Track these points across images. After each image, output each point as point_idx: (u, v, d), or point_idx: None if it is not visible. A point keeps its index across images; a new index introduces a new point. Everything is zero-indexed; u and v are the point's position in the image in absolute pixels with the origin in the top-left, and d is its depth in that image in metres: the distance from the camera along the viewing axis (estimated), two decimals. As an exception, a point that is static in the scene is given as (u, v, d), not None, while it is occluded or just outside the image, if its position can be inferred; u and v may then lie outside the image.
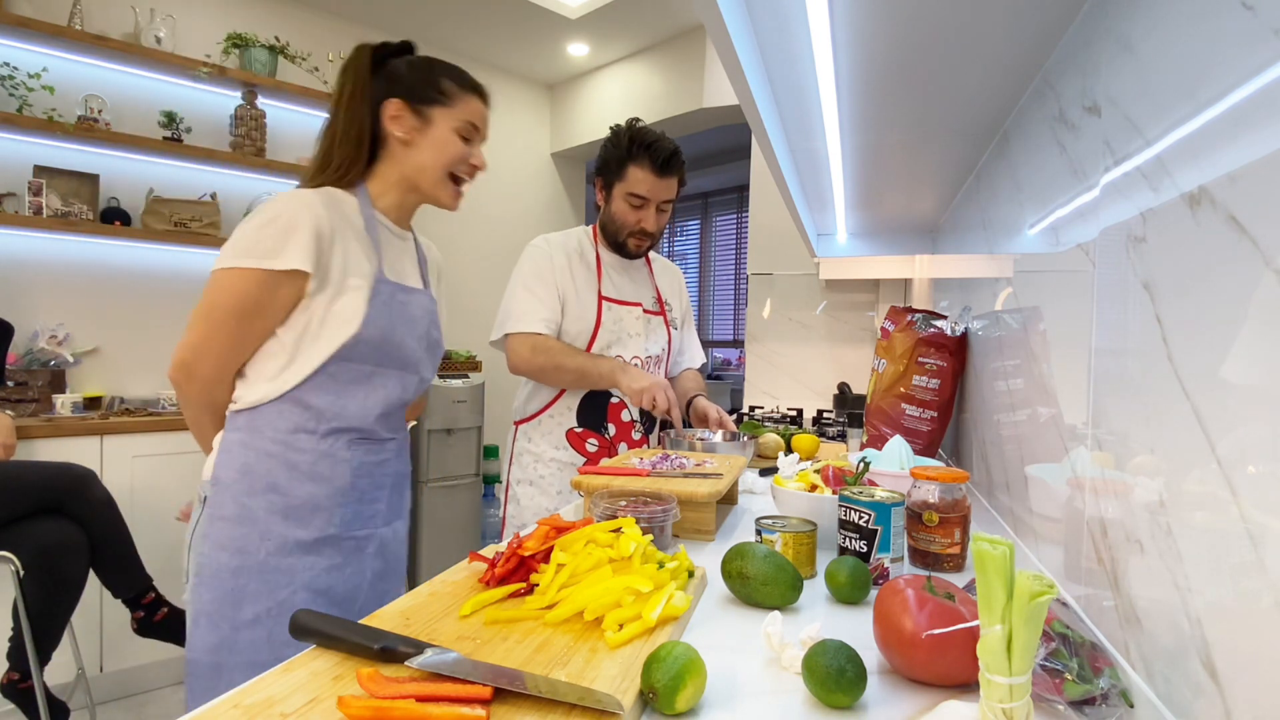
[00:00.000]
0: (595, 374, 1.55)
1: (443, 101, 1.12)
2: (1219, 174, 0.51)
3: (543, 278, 1.60)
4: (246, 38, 3.07)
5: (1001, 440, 1.24)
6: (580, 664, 0.61)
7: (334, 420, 1.07)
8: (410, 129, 1.11)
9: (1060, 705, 0.56)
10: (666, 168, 1.55)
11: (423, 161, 1.12)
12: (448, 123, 1.12)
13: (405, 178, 1.13)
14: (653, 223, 1.60)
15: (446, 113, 1.12)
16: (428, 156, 1.12)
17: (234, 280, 0.99)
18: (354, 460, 1.09)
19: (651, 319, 1.70)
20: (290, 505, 1.04)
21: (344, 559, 1.08)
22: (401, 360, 1.12)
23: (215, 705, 0.54)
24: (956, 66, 1.05)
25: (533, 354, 1.55)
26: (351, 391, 1.08)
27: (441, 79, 1.13)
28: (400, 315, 1.11)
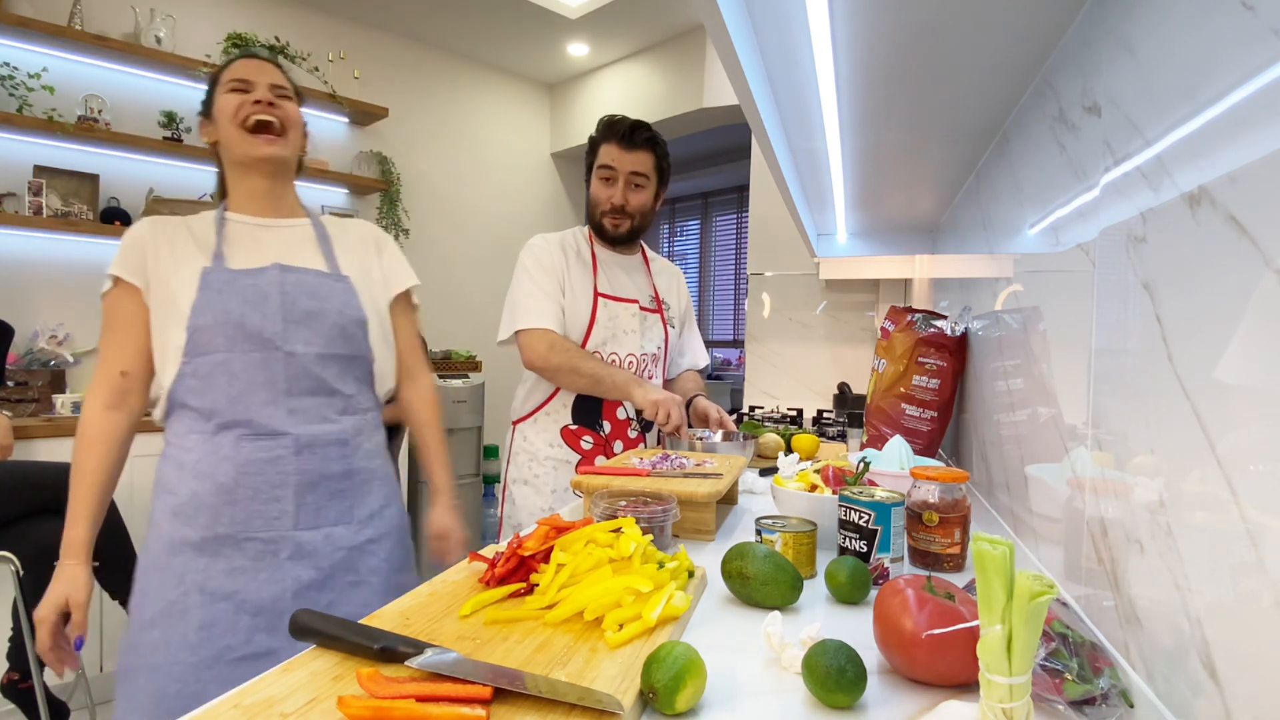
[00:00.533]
0: (610, 383, 1.55)
1: (215, 84, 1.16)
2: (1219, 174, 0.51)
3: (548, 273, 1.61)
4: (246, 38, 3.07)
5: (1001, 440, 1.24)
6: (580, 664, 0.61)
7: (218, 416, 1.06)
8: (209, 130, 1.17)
9: (1060, 705, 0.56)
10: (628, 139, 1.60)
11: (223, 140, 1.14)
12: (221, 92, 1.14)
13: (229, 168, 1.17)
14: (621, 196, 1.62)
15: (219, 88, 1.15)
16: (221, 132, 1.14)
17: None
18: (238, 456, 1.06)
19: (648, 316, 1.70)
20: (178, 504, 1.05)
21: (255, 563, 1.05)
22: (256, 339, 1.08)
23: (215, 705, 0.54)
24: (956, 66, 1.05)
25: (550, 351, 1.55)
26: (217, 383, 1.07)
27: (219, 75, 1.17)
28: (239, 296, 1.08)
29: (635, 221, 1.65)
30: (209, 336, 1.06)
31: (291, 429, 1.09)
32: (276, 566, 1.06)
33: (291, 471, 1.09)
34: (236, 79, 1.14)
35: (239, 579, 1.04)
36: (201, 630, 1.01)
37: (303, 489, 1.09)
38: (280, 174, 1.18)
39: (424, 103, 3.97)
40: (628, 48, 4.04)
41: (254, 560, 1.05)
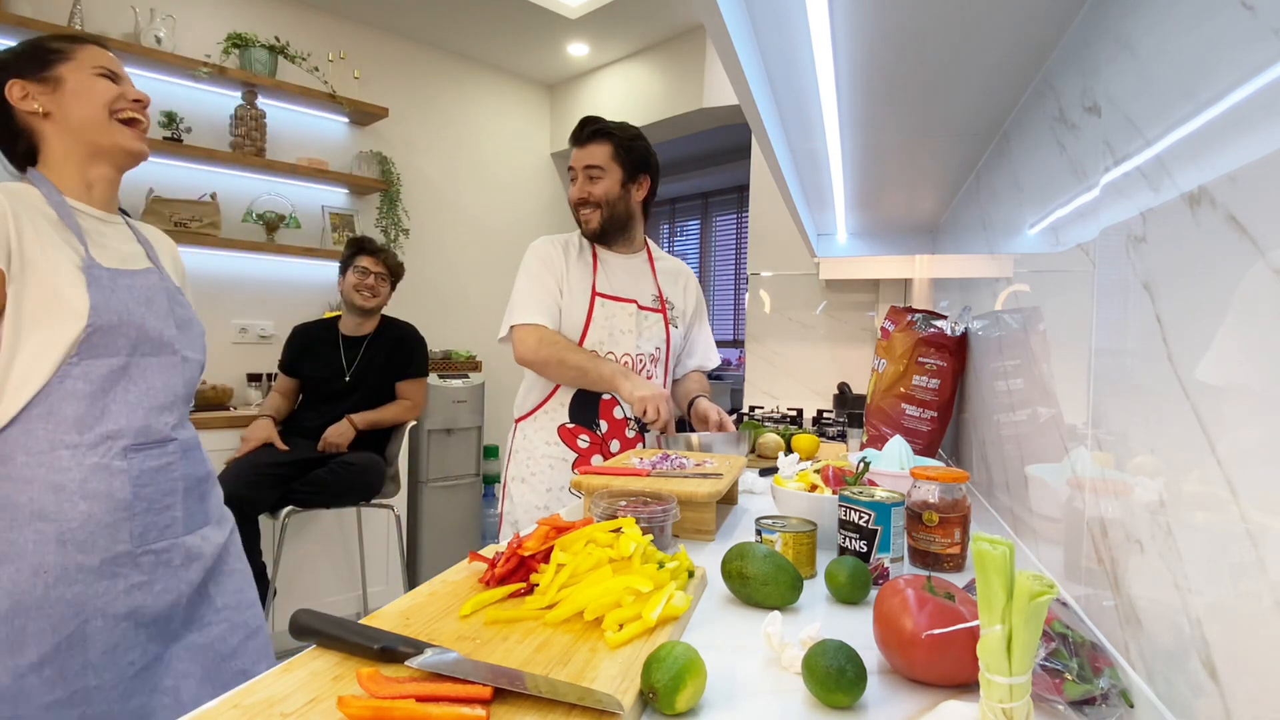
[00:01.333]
0: (595, 374, 1.56)
1: (61, 57, 1.05)
2: (1219, 174, 0.51)
3: (547, 269, 1.63)
4: (246, 38, 3.07)
5: (1001, 440, 1.24)
6: (580, 664, 0.61)
7: (98, 426, 0.98)
8: (41, 96, 1.04)
9: (1060, 705, 0.56)
10: (578, 138, 1.66)
11: (76, 117, 1.04)
12: (79, 72, 1.05)
13: (75, 150, 1.05)
14: (581, 190, 1.65)
15: (72, 65, 1.05)
16: (77, 109, 1.04)
17: None
18: (131, 469, 1.01)
19: (648, 316, 1.70)
20: (65, 530, 0.96)
21: (150, 576, 1.02)
22: (154, 344, 1.05)
23: (215, 705, 0.54)
24: (957, 66, 1.05)
25: (539, 345, 1.57)
26: (111, 390, 1.00)
27: (49, 43, 1.07)
28: (131, 297, 1.03)
29: (605, 211, 1.65)
30: (110, 338, 0.99)
31: (176, 434, 1.09)
32: (170, 575, 1.04)
33: (179, 478, 1.08)
34: (104, 67, 1.07)
35: (136, 595, 1.00)
36: (105, 654, 0.97)
37: (188, 494, 1.09)
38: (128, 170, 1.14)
39: (424, 103, 3.97)
40: (628, 48, 4.04)
41: (149, 573, 1.02)
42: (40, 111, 1.03)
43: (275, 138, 3.26)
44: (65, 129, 1.04)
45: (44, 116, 1.03)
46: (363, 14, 3.61)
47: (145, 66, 2.87)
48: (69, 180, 1.06)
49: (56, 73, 1.04)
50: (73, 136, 1.04)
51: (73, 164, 1.06)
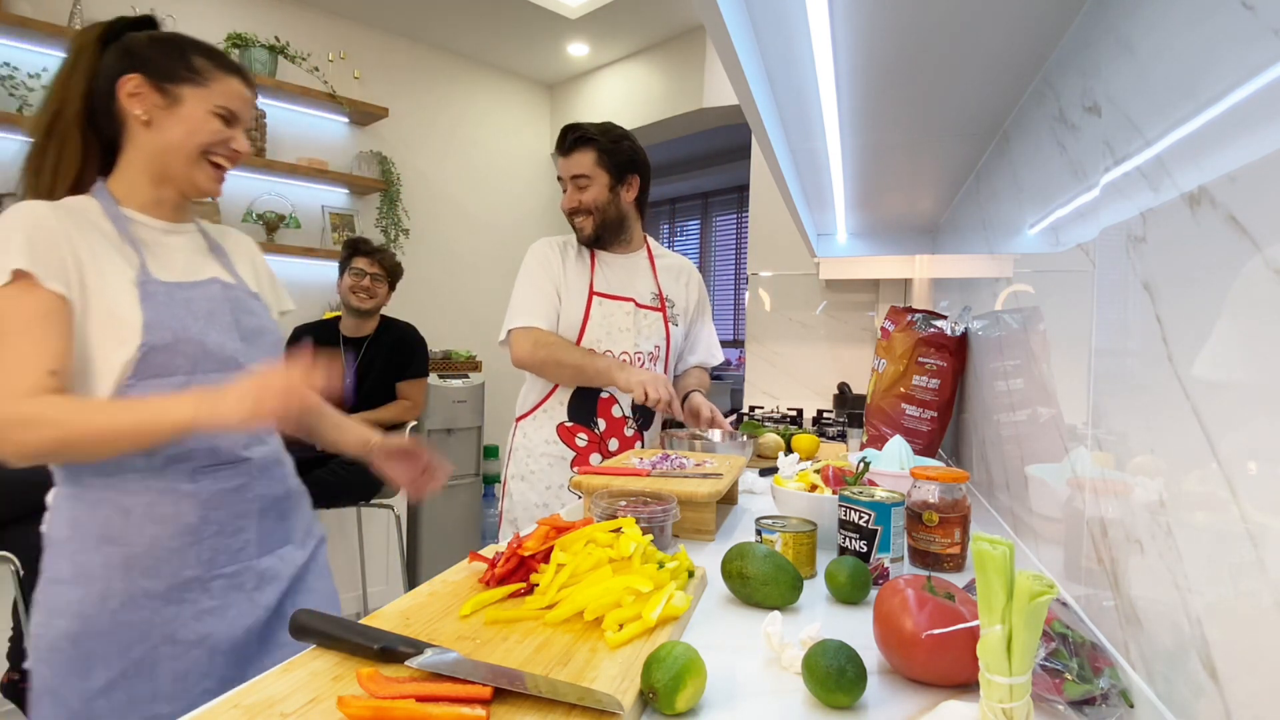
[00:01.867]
0: (592, 370, 1.57)
1: (195, 79, 0.98)
2: (1219, 174, 0.51)
3: (544, 271, 1.64)
4: (246, 38, 3.07)
5: (1001, 440, 1.24)
6: (580, 664, 0.61)
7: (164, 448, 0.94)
8: (152, 106, 0.97)
9: (1060, 705, 0.56)
10: (561, 147, 1.66)
11: (170, 141, 0.98)
12: (200, 104, 0.98)
13: (152, 165, 0.99)
14: (570, 200, 1.66)
15: (200, 93, 0.99)
16: (176, 135, 0.98)
17: None
18: (200, 492, 0.96)
19: (647, 314, 1.70)
20: (132, 555, 0.92)
21: (221, 601, 0.97)
22: (217, 360, 0.99)
23: (215, 705, 0.54)
24: (956, 66, 1.05)
25: (534, 348, 1.59)
26: None
27: (193, 55, 0.99)
28: (188, 312, 0.97)
29: (597, 217, 1.65)
30: (168, 357, 0.94)
31: (250, 453, 1.03)
32: (244, 600, 1.00)
33: (254, 498, 1.03)
34: (225, 107, 1.01)
35: (208, 621, 0.96)
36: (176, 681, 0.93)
37: (264, 515, 1.04)
38: None
39: (424, 103, 3.97)
40: (628, 48, 4.04)
41: (220, 598, 0.98)
42: (142, 118, 0.97)
43: (275, 138, 3.26)
44: (153, 144, 0.99)
45: (143, 123, 0.98)
46: (363, 14, 3.61)
47: (145, 66, 2.86)
48: (137, 192, 1.01)
49: (180, 91, 0.98)
50: (156, 154, 0.99)
51: (145, 178, 1.01)
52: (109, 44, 0.99)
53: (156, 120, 0.98)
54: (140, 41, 0.99)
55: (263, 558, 1.03)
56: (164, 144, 0.98)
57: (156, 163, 0.99)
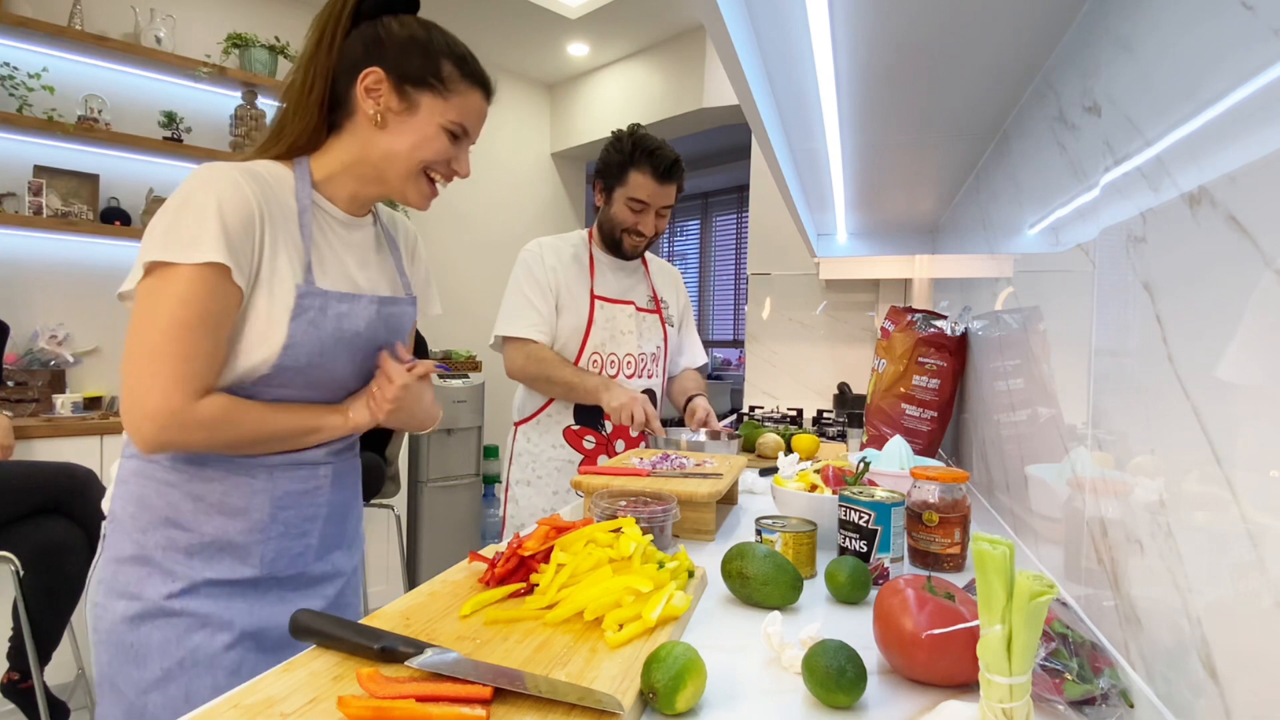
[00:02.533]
0: (582, 389, 1.58)
1: (437, 89, 0.92)
2: (1219, 174, 0.51)
3: (536, 281, 1.62)
4: (246, 38, 3.07)
5: (1001, 440, 1.24)
6: (580, 664, 0.61)
7: None
8: (387, 109, 0.91)
9: (1060, 705, 0.56)
10: (667, 175, 1.59)
11: (394, 149, 0.92)
12: (436, 116, 0.92)
13: (368, 163, 0.93)
14: (650, 227, 1.64)
15: (438, 105, 0.92)
16: (403, 144, 0.92)
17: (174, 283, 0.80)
18: (275, 490, 0.92)
19: (646, 317, 1.72)
20: (196, 543, 0.88)
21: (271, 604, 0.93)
22: (334, 386, 0.95)
23: (215, 705, 0.54)
24: (956, 66, 1.05)
25: (527, 362, 1.60)
26: None
27: (443, 60, 0.93)
28: (334, 334, 0.91)
29: (652, 242, 1.69)
30: (290, 377, 0.89)
31: (329, 458, 0.98)
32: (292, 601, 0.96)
33: (324, 503, 0.98)
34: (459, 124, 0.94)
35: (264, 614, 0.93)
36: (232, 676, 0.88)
37: (329, 521, 0.99)
38: None
39: (424, 103, 3.97)
40: (628, 48, 4.04)
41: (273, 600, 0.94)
42: (374, 117, 0.90)
43: (275, 138, 3.26)
44: (376, 145, 0.92)
45: (372, 121, 0.91)
46: (363, 14, 3.61)
47: (145, 66, 2.86)
48: (337, 181, 0.95)
49: (419, 98, 0.91)
50: (374, 156, 0.92)
51: (353, 171, 0.94)
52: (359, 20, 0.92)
53: (388, 123, 0.91)
54: (393, 32, 0.92)
55: (317, 562, 0.99)
56: (387, 149, 0.92)
57: (372, 164, 0.93)
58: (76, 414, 2.56)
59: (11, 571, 1.71)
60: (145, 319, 0.80)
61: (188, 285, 0.79)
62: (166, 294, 0.79)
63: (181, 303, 0.79)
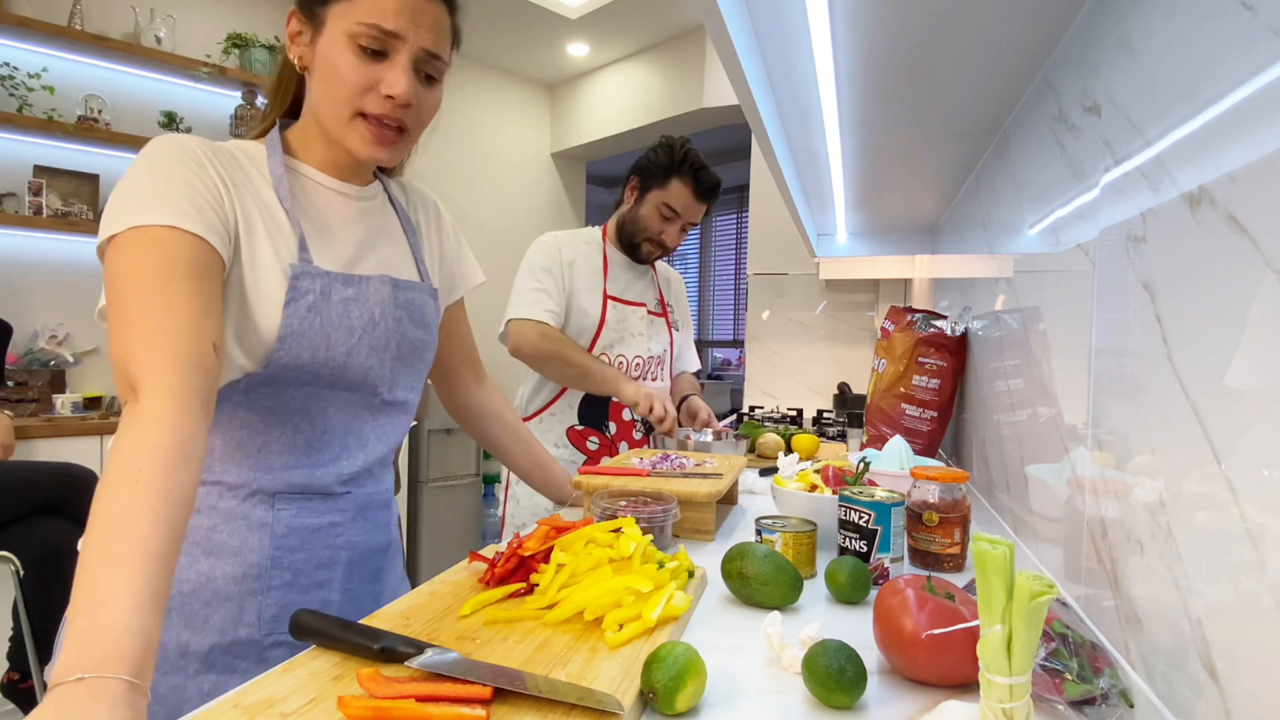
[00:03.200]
0: (599, 376, 1.56)
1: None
2: (1219, 174, 0.51)
3: (550, 271, 1.61)
4: (246, 38, 3.07)
5: (1001, 440, 1.24)
6: (580, 664, 0.61)
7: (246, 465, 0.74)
8: (304, 46, 0.76)
9: (1060, 705, 0.56)
10: (707, 194, 1.64)
11: (314, 92, 0.77)
12: (340, 25, 0.72)
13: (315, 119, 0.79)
14: (674, 239, 1.66)
15: (341, 9, 0.72)
16: (318, 87, 0.76)
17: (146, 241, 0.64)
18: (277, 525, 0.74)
19: (655, 320, 1.73)
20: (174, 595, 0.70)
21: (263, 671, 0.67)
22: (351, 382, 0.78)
23: (215, 705, 0.54)
24: (956, 67, 1.05)
25: (540, 339, 1.55)
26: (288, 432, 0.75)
27: None
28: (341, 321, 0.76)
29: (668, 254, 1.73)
30: (294, 374, 0.73)
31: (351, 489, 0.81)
32: None
33: (343, 545, 0.80)
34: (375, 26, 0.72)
35: None
36: None
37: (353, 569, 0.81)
38: None
39: (424, 103, 3.97)
40: (628, 48, 4.04)
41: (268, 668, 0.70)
42: (299, 65, 0.77)
43: (275, 138, 3.26)
44: (309, 98, 0.78)
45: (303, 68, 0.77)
46: (363, 14, 3.61)
47: (145, 66, 2.86)
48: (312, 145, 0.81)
49: (323, 13, 0.74)
50: (312, 110, 0.78)
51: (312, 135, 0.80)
52: None
53: (308, 64, 0.76)
54: None
55: None
56: (312, 95, 0.77)
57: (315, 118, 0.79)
58: (76, 414, 2.56)
59: (11, 571, 1.71)
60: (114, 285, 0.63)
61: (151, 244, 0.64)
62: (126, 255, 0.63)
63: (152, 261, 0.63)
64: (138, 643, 0.46)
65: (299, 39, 0.77)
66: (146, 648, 0.47)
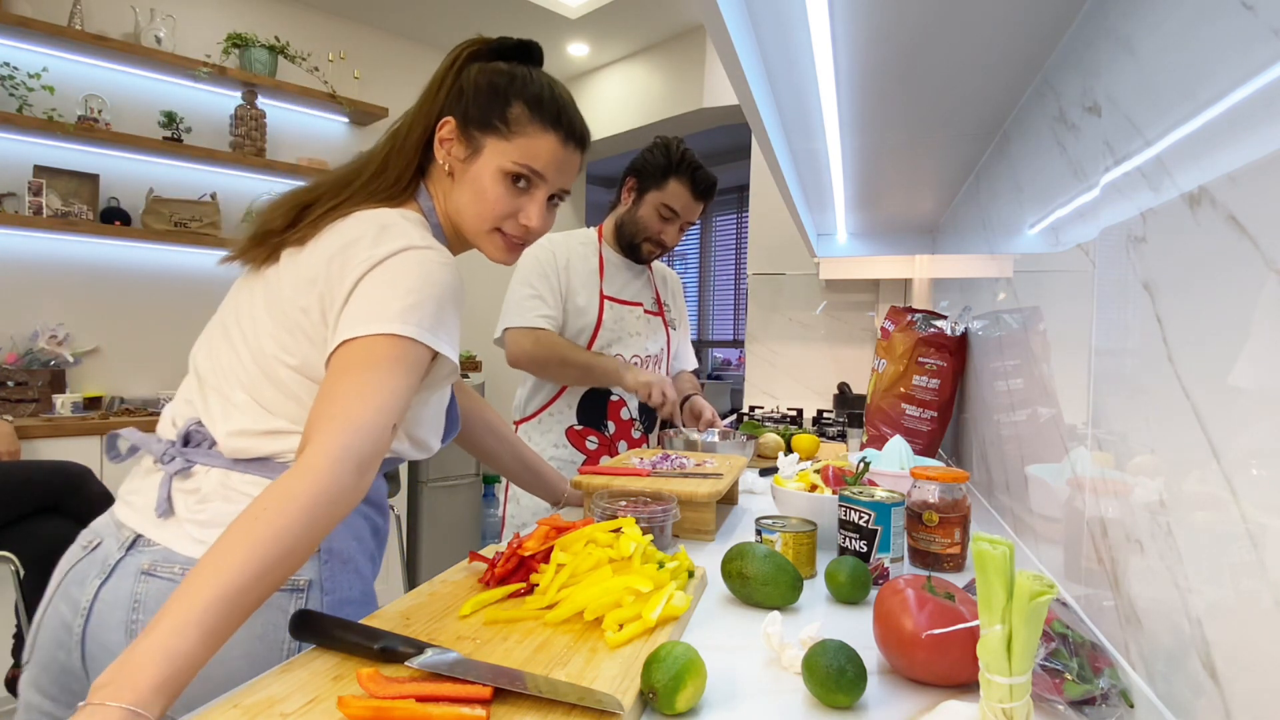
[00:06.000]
0: (600, 370, 1.57)
1: (500, 130, 0.83)
2: (1219, 174, 0.51)
3: (544, 276, 1.61)
4: (246, 38, 3.07)
5: (1001, 440, 1.24)
6: (580, 664, 0.61)
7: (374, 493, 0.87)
8: (455, 159, 0.84)
9: (1060, 705, 0.56)
10: (704, 193, 1.65)
11: (460, 203, 0.85)
12: (495, 159, 0.83)
13: (446, 217, 0.88)
14: (673, 238, 1.67)
15: (500, 146, 0.83)
16: (465, 198, 0.84)
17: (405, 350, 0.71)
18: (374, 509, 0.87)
19: (651, 319, 1.73)
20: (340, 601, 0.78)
21: None
22: None
23: (216, 705, 0.54)
24: (956, 66, 1.05)
25: (535, 346, 1.55)
26: None
27: (514, 100, 0.83)
28: None
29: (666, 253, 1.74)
30: None
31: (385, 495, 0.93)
32: None
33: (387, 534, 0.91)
34: (524, 166, 0.83)
35: None
36: None
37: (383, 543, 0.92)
38: None
39: (424, 103, 3.97)
40: (628, 48, 4.04)
41: None
42: (445, 167, 0.84)
43: (275, 138, 3.25)
44: (449, 199, 0.86)
45: (446, 172, 0.85)
46: (363, 14, 3.61)
47: (145, 66, 2.86)
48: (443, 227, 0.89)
49: (482, 142, 0.83)
50: (449, 211, 0.87)
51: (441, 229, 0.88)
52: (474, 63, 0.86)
53: (455, 173, 0.84)
54: (474, 78, 0.84)
55: None
56: (456, 203, 0.85)
57: (448, 218, 0.87)
58: (76, 414, 2.56)
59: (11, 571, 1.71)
60: None
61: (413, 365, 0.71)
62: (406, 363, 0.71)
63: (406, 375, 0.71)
64: (158, 667, 0.48)
65: (451, 147, 0.85)
66: (169, 673, 0.48)
